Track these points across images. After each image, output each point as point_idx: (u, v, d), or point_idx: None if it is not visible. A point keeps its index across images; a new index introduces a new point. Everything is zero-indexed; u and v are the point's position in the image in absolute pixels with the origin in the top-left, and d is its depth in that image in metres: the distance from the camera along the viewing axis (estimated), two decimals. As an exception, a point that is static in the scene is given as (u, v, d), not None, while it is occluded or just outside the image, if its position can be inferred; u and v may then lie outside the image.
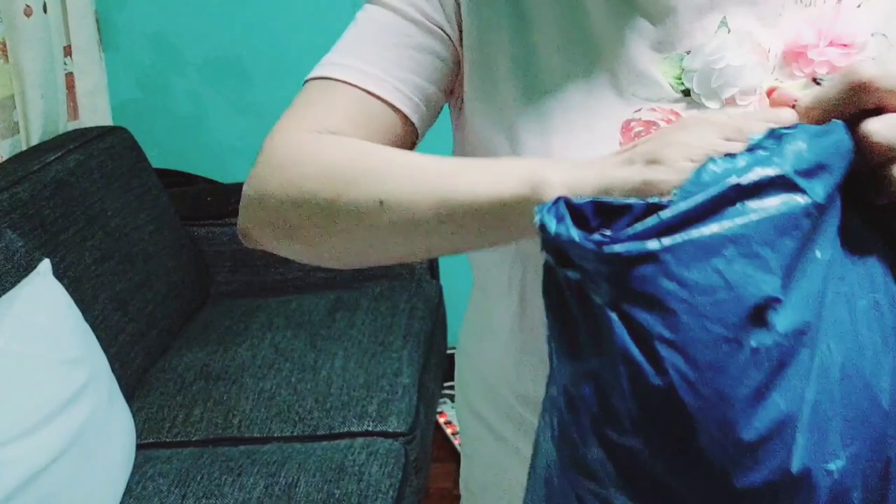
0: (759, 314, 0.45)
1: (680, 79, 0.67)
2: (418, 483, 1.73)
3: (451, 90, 0.76)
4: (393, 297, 2.16)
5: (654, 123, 0.66)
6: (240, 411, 1.75)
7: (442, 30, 0.73)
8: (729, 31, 0.67)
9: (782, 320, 0.46)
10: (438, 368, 2.13)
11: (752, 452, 0.45)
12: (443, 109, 0.79)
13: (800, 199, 0.47)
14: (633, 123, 0.67)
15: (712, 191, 0.46)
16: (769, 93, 0.62)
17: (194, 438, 1.71)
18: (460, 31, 0.73)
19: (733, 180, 0.46)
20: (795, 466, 0.46)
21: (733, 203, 0.46)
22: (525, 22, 0.71)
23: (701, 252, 0.45)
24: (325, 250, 0.69)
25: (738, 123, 0.53)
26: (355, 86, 0.71)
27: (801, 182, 0.47)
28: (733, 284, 0.45)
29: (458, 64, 0.74)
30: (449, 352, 2.28)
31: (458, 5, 0.72)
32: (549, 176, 0.57)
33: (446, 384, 2.30)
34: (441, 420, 2.34)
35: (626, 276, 0.45)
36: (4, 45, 1.93)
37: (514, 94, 0.70)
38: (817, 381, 0.47)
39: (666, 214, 0.45)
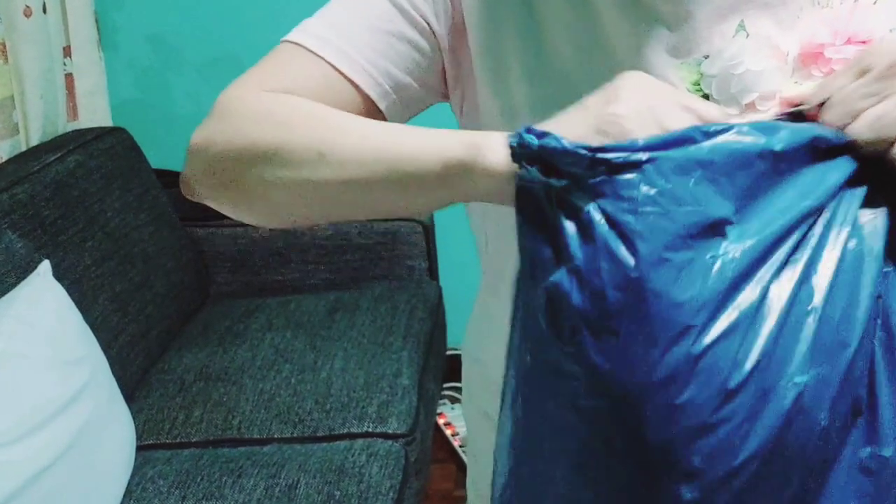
0: (715, 231, 0.53)
1: (698, 84, 0.66)
2: (418, 484, 1.73)
3: (437, 90, 0.76)
4: (393, 297, 2.15)
5: None
6: (240, 412, 1.74)
7: (428, 24, 0.72)
8: (747, 36, 0.66)
9: (733, 241, 0.53)
10: (438, 369, 2.12)
11: (707, 354, 0.51)
12: (428, 108, 0.78)
13: (754, 141, 0.54)
14: None
15: (679, 131, 0.54)
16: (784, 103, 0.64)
17: (194, 440, 1.70)
18: (451, 32, 0.72)
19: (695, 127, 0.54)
20: (738, 377, 0.51)
21: (698, 141, 0.53)
22: (537, 25, 0.70)
23: (677, 168, 0.52)
24: (261, 203, 0.69)
25: (691, 97, 0.60)
26: (325, 60, 0.71)
27: (753, 132, 0.54)
28: (700, 200, 0.52)
29: (440, 61, 0.74)
30: (449, 353, 2.28)
31: (453, 6, 0.72)
32: (494, 141, 0.59)
33: (446, 385, 2.30)
34: (441, 421, 2.34)
35: (613, 181, 0.52)
36: (4, 46, 1.92)
37: (528, 99, 0.70)
38: (788, 305, 0.53)
39: (643, 140, 0.53)
